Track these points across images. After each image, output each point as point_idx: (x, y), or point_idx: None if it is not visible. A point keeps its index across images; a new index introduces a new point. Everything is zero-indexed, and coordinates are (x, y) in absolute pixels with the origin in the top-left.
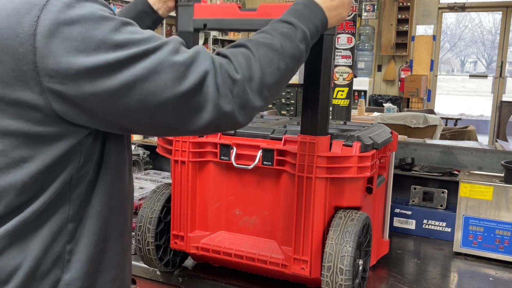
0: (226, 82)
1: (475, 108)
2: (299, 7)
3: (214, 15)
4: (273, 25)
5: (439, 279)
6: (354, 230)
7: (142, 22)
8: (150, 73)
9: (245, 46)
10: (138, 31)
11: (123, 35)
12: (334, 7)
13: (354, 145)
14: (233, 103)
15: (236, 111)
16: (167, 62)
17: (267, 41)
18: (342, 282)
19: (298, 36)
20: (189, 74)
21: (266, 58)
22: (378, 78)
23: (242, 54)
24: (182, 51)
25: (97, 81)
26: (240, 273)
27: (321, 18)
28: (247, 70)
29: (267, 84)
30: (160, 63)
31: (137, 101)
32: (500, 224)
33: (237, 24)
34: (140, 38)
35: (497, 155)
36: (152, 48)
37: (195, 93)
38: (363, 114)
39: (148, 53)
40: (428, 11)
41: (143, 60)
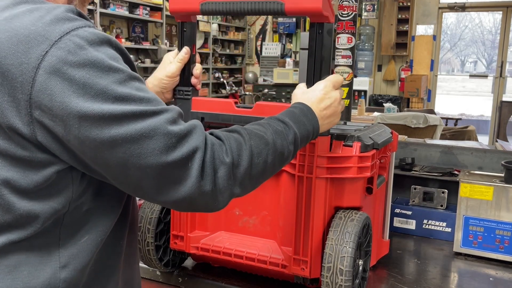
0: (213, 163)
1: (475, 108)
2: (296, 110)
3: (211, 110)
4: (269, 121)
5: (439, 279)
6: (354, 231)
7: None
8: (141, 136)
9: (239, 133)
10: (143, 89)
11: (126, 89)
12: (328, 115)
13: (354, 145)
14: (214, 185)
15: (215, 194)
16: (161, 130)
17: (260, 133)
18: (342, 283)
19: (289, 137)
20: (179, 147)
21: (257, 149)
22: (378, 78)
23: (235, 139)
24: (179, 123)
25: (85, 128)
26: (240, 273)
27: (314, 125)
28: (237, 155)
29: (251, 174)
30: (154, 128)
31: (118, 159)
32: (500, 224)
33: (234, 119)
34: (142, 97)
35: (497, 155)
36: (150, 111)
37: (179, 167)
38: (363, 114)
39: (145, 115)
40: (428, 11)
41: (137, 121)
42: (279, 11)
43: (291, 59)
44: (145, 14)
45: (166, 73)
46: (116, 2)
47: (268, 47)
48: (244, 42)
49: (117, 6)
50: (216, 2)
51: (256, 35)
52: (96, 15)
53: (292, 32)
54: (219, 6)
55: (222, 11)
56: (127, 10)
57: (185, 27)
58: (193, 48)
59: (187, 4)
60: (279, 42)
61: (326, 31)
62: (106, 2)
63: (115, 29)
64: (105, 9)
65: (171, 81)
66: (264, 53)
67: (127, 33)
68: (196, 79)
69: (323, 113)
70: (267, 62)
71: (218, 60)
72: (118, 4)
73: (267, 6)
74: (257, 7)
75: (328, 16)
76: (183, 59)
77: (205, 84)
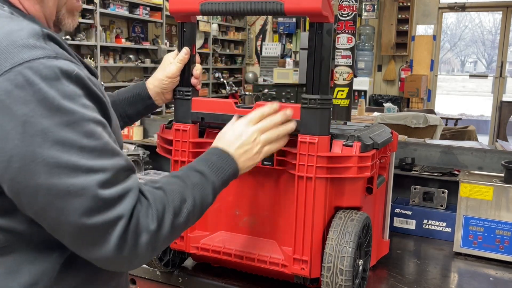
0: (137, 232)
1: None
2: (213, 158)
3: (211, 110)
4: (187, 173)
5: (439, 279)
6: (354, 231)
7: (135, 104)
8: (67, 193)
9: (164, 192)
10: (94, 134)
11: (71, 133)
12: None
13: (354, 145)
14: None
15: (133, 259)
16: (90, 192)
17: (181, 190)
18: (342, 283)
19: (208, 189)
20: (103, 212)
21: (179, 210)
22: (378, 78)
23: (160, 200)
24: (114, 185)
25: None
26: (240, 273)
27: (233, 167)
28: (161, 220)
29: (171, 237)
30: (82, 188)
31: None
32: (500, 224)
33: None
34: (86, 145)
35: (497, 155)
36: (86, 167)
37: (98, 231)
38: (363, 114)
39: (78, 171)
40: (428, 11)
41: (68, 176)
42: (278, 11)
43: (291, 59)
44: (145, 14)
45: (166, 73)
46: (116, 2)
47: (268, 47)
48: (244, 42)
49: (117, 6)
50: (216, 2)
51: (256, 35)
52: (96, 15)
53: (292, 32)
54: (219, 6)
55: (222, 11)
56: (127, 10)
57: (185, 27)
58: (193, 48)
59: (187, 4)
60: (279, 42)
61: (325, 31)
62: (106, 2)
63: (115, 29)
64: (105, 9)
65: (171, 81)
66: (264, 53)
67: (127, 33)
68: (196, 80)
69: (238, 152)
70: (267, 62)
71: (218, 60)
72: (118, 4)
73: (266, 6)
74: (257, 7)
75: (328, 16)
76: (183, 60)
77: (205, 84)
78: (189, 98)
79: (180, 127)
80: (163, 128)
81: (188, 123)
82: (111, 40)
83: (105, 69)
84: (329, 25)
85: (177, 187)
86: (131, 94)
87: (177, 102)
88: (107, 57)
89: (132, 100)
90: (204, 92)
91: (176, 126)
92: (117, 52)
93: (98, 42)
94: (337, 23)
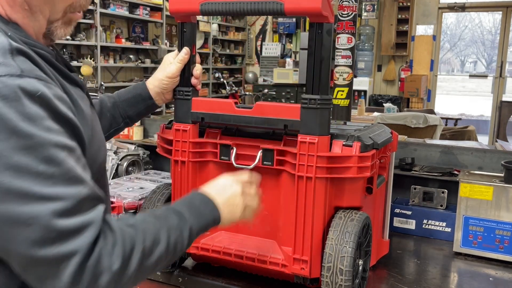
0: (96, 270)
1: (475, 108)
2: (196, 201)
3: (211, 110)
4: (166, 213)
5: (439, 279)
6: (354, 231)
7: (136, 104)
8: (17, 221)
9: (136, 230)
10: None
11: (27, 158)
12: (228, 204)
13: (354, 145)
14: None
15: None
16: (42, 221)
17: (155, 232)
18: (342, 283)
19: (185, 232)
20: (55, 244)
21: (149, 250)
22: (378, 78)
23: (130, 239)
24: (72, 216)
25: None
26: (240, 273)
27: (214, 215)
28: (127, 259)
29: (136, 277)
30: (34, 217)
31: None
32: (500, 224)
33: (233, 119)
34: (42, 172)
35: (497, 155)
36: (39, 195)
37: (49, 266)
38: (363, 114)
39: (31, 199)
40: (428, 11)
41: (20, 203)
42: (278, 11)
43: (291, 59)
44: (145, 14)
45: (166, 74)
46: (116, 2)
47: (268, 47)
48: (244, 42)
49: (117, 6)
50: (216, 3)
51: (256, 35)
52: (96, 15)
53: (292, 32)
54: (219, 7)
55: (222, 12)
56: (127, 10)
57: (185, 27)
58: (193, 48)
59: (187, 4)
60: (279, 42)
61: (325, 31)
62: (106, 2)
63: (115, 29)
64: (105, 9)
65: (171, 81)
66: (264, 53)
67: (127, 33)
68: (196, 80)
69: (223, 201)
70: (267, 62)
71: (218, 60)
72: (118, 4)
73: (266, 6)
74: (257, 7)
75: (328, 16)
76: (183, 60)
77: (205, 84)
78: (189, 98)
79: (180, 127)
80: (163, 128)
81: (188, 123)
82: (111, 40)
83: (105, 69)
84: (329, 25)
85: (151, 227)
86: (131, 95)
87: (177, 102)
88: (107, 57)
89: (132, 100)
90: (204, 92)
91: (176, 126)
92: (117, 52)
93: (98, 42)
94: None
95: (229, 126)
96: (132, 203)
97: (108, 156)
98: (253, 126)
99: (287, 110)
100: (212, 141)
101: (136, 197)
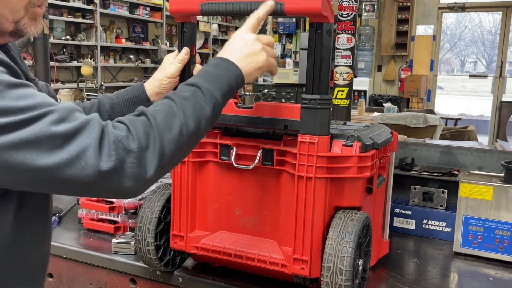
0: (118, 153)
1: (475, 108)
2: (209, 68)
3: None
4: (179, 88)
5: (439, 279)
6: (354, 231)
7: (134, 106)
8: (24, 143)
9: (145, 114)
10: (25, 95)
11: (5, 101)
12: (245, 55)
13: (354, 145)
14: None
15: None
16: (44, 133)
17: (166, 108)
18: (342, 283)
19: (202, 98)
20: (66, 147)
21: (165, 125)
22: (378, 78)
23: (141, 123)
24: (67, 121)
25: None
26: (240, 273)
27: (235, 73)
28: (144, 139)
29: (166, 153)
30: (37, 133)
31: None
32: (500, 224)
33: (234, 119)
34: (23, 106)
35: (497, 155)
36: (32, 117)
37: (71, 166)
38: (363, 114)
39: (26, 123)
40: (428, 11)
41: (19, 130)
42: (278, 11)
43: (291, 59)
44: (145, 14)
45: (166, 74)
46: (116, 2)
47: None
48: None
49: (117, 6)
50: (216, 3)
51: None
52: (96, 15)
53: (292, 32)
54: (219, 7)
55: (222, 12)
56: (127, 10)
57: (185, 27)
58: (193, 48)
59: (187, 4)
60: (279, 42)
61: (325, 31)
62: (106, 2)
63: (115, 29)
64: (105, 9)
65: (171, 82)
66: None
67: (127, 33)
68: None
69: (239, 55)
70: None
71: None
72: (118, 4)
73: None
74: (257, 8)
75: (328, 16)
76: (183, 60)
77: None
78: None
79: None
80: None
81: None
82: (111, 40)
83: (105, 69)
84: (329, 25)
85: (162, 107)
86: (129, 97)
87: None
88: (107, 57)
89: (130, 102)
90: None
91: None
92: (117, 52)
93: (98, 42)
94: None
95: (229, 126)
96: (132, 203)
97: None
98: (253, 126)
99: (287, 110)
100: (212, 141)
101: (136, 197)
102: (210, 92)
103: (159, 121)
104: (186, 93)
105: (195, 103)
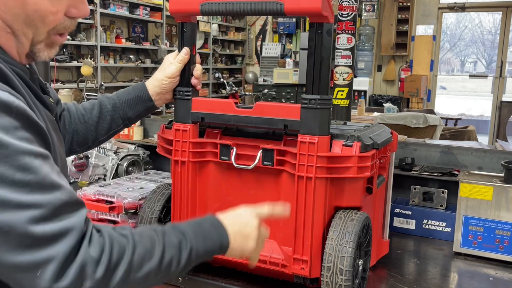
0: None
1: (475, 108)
2: (205, 224)
3: (211, 110)
4: (169, 230)
5: (439, 279)
6: (354, 231)
7: (135, 106)
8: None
9: (128, 241)
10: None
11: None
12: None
13: (354, 145)
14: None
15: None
16: (18, 229)
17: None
18: (342, 283)
19: (184, 253)
20: (31, 250)
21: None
22: (378, 78)
23: (119, 249)
24: (49, 222)
25: None
26: (240, 273)
27: (221, 241)
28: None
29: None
30: (9, 225)
31: None
32: (500, 224)
33: (234, 119)
34: (19, 180)
35: (497, 155)
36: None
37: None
38: (363, 114)
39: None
40: (428, 11)
41: None
42: (278, 11)
43: (291, 59)
44: (145, 14)
45: (166, 74)
46: (116, 2)
47: (268, 47)
48: (244, 42)
49: (117, 6)
50: (216, 3)
51: (256, 35)
52: (96, 15)
53: (292, 32)
54: (219, 7)
55: (222, 12)
56: (127, 10)
57: (185, 27)
58: (193, 48)
59: (187, 4)
60: (279, 42)
61: (325, 31)
62: (106, 2)
63: (115, 29)
64: (105, 9)
65: (171, 81)
66: (264, 53)
67: (127, 33)
68: (196, 80)
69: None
70: (267, 62)
71: (218, 60)
72: (118, 4)
73: (266, 6)
74: (257, 7)
75: (328, 16)
76: (183, 60)
77: (205, 84)
78: (189, 98)
79: (180, 127)
80: (163, 128)
81: (188, 123)
82: (111, 40)
83: (105, 69)
84: (329, 25)
85: (146, 241)
86: (131, 97)
87: (177, 102)
88: (107, 57)
89: (132, 102)
90: (204, 92)
91: (176, 126)
92: (117, 52)
93: (98, 42)
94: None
95: (229, 126)
96: (132, 203)
97: (108, 156)
98: (253, 126)
99: (287, 110)
100: (212, 141)
101: (136, 197)
102: (193, 250)
103: (136, 256)
104: (173, 240)
105: (174, 254)
